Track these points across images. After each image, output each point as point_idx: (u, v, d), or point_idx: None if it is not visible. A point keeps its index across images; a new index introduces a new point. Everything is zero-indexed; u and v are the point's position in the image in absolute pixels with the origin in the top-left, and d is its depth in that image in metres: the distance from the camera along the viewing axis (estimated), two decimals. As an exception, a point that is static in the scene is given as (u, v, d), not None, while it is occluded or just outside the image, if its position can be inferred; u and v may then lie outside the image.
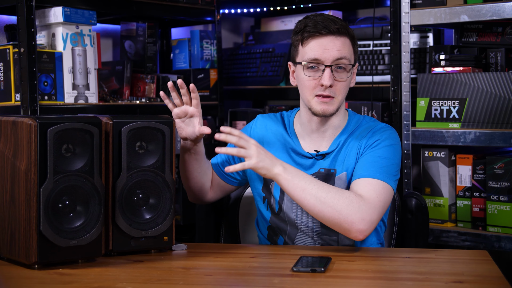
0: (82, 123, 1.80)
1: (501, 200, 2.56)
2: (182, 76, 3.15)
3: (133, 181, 1.90)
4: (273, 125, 2.19)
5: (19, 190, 1.78)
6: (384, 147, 2.04)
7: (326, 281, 1.68)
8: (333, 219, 1.90)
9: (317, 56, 2.01)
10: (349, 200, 1.90)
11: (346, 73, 2.03)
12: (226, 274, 1.79)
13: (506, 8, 2.51)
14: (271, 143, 2.16)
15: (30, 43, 2.44)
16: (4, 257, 1.86)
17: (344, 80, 2.03)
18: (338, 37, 2.02)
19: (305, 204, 1.92)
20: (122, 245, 1.91)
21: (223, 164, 2.23)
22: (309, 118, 2.10)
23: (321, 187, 1.92)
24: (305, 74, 2.03)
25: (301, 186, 1.91)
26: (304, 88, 2.06)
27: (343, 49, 2.02)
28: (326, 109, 2.03)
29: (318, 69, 2.02)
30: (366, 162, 2.01)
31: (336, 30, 2.01)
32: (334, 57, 2.00)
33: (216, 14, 3.18)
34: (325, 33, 2.01)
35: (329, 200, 1.90)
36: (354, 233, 1.89)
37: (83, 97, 2.64)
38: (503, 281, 1.65)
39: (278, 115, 2.23)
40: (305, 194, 1.91)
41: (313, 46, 2.02)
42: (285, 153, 2.13)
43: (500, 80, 2.54)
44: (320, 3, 3.19)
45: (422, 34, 2.92)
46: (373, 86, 2.93)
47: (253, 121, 2.25)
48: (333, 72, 2.01)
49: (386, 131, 2.08)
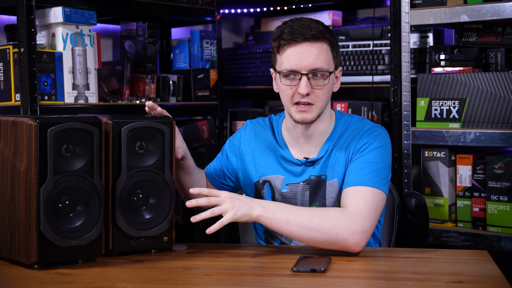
0: (82, 123, 1.80)
1: (501, 200, 2.56)
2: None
3: (133, 181, 1.90)
4: (262, 132, 2.18)
5: (19, 190, 1.78)
6: (372, 150, 2.01)
7: (326, 281, 1.68)
8: (325, 241, 1.89)
9: (293, 66, 1.98)
10: (335, 218, 1.88)
11: (323, 80, 2.00)
12: (226, 274, 1.79)
13: (506, 8, 2.51)
14: (261, 150, 2.16)
15: (30, 43, 2.44)
16: (4, 257, 1.86)
17: (321, 87, 2.00)
18: (314, 43, 1.97)
19: (293, 236, 1.91)
20: (122, 245, 1.91)
21: (216, 172, 2.24)
22: (294, 125, 2.09)
23: (304, 215, 1.90)
24: (282, 83, 2.01)
25: (284, 219, 1.89)
26: (283, 96, 2.04)
27: (319, 57, 1.97)
28: (305, 117, 2.01)
29: (295, 78, 1.99)
30: (355, 169, 1.99)
31: (311, 36, 1.96)
32: (310, 65, 1.97)
33: (216, 14, 3.18)
34: (301, 41, 1.97)
35: (314, 226, 1.88)
36: (350, 248, 1.88)
37: (83, 97, 2.64)
38: (503, 281, 1.66)
39: (267, 120, 2.21)
40: (290, 226, 1.89)
41: (289, 54, 1.98)
42: (275, 161, 2.12)
43: (500, 80, 2.54)
44: (320, 3, 3.19)
45: (422, 34, 2.92)
46: (373, 86, 2.93)
47: (242, 127, 2.24)
48: (310, 80, 1.98)
49: (374, 132, 2.05)
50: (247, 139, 2.19)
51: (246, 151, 2.18)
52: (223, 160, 2.24)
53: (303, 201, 2.08)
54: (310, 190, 2.07)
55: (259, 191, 2.14)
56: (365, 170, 1.98)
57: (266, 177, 2.13)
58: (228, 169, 2.22)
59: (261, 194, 2.13)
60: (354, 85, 3.01)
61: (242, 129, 2.24)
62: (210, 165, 2.27)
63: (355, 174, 1.98)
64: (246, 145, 2.19)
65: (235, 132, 2.28)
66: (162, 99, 3.04)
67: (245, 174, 2.18)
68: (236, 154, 2.21)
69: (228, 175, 2.23)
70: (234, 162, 2.21)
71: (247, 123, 2.25)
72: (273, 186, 2.11)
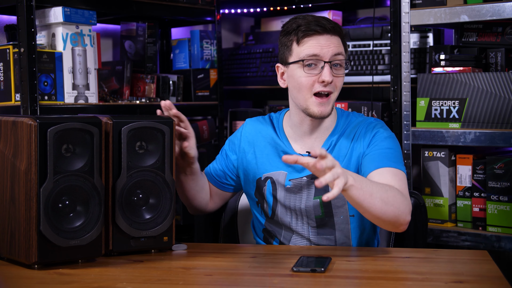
0: (82, 123, 1.80)
1: (501, 200, 2.56)
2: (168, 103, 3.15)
3: (133, 181, 1.90)
4: (263, 128, 2.19)
5: (19, 190, 1.78)
6: (385, 139, 2.05)
7: (326, 281, 1.68)
8: (393, 216, 1.87)
9: (316, 52, 2.00)
10: (399, 196, 1.89)
11: (342, 69, 2.05)
12: (226, 274, 1.79)
13: (506, 8, 2.51)
14: (262, 147, 2.16)
15: (30, 43, 2.44)
16: (4, 257, 1.86)
17: (341, 75, 2.04)
18: (333, 35, 2.03)
19: (371, 208, 1.84)
20: (122, 245, 1.91)
21: (217, 173, 2.24)
22: (301, 120, 2.09)
23: (381, 189, 1.87)
24: (304, 71, 2.02)
25: (369, 191, 1.82)
26: (301, 87, 2.04)
27: (339, 46, 2.03)
28: (323, 110, 2.02)
29: (316, 66, 2.01)
30: (377, 155, 2.01)
31: (331, 28, 2.02)
32: (333, 52, 2.01)
33: (216, 14, 3.18)
34: (321, 31, 2.01)
35: (391, 200, 1.86)
36: (404, 225, 1.91)
37: (83, 97, 2.64)
38: (503, 281, 1.66)
39: (266, 117, 2.22)
40: (373, 198, 1.83)
41: (311, 43, 2.01)
42: (277, 157, 2.12)
43: (500, 80, 2.54)
44: (320, 3, 3.19)
45: (422, 34, 2.92)
46: (373, 86, 2.93)
47: (242, 125, 2.25)
48: (331, 68, 2.01)
49: (378, 124, 2.09)
50: (248, 137, 2.20)
51: (247, 148, 2.18)
52: (222, 160, 2.24)
53: (308, 195, 2.08)
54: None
55: (261, 188, 2.14)
56: (387, 155, 2.01)
57: (268, 173, 2.13)
58: (228, 169, 2.22)
59: (262, 190, 2.13)
60: (354, 85, 3.01)
61: (242, 127, 2.24)
62: (209, 166, 2.27)
63: (382, 157, 2.00)
64: (246, 142, 2.19)
65: (235, 131, 2.28)
66: (162, 99, 3.04)
67: (246, 172, 2.18)
68: (236, 153, 2.21)
69: (229, 175, 2.23)
70: (234, 161, 2.21)
71: (246, 121, 2.25)
72: (275, 182, 2.11)
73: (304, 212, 2.08)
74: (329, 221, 2.08)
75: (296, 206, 2.08)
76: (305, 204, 2.08)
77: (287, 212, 2.10)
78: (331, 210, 2.07)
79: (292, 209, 2.09)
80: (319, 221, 2.09)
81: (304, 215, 2.09)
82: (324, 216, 2.08)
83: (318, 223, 2.09)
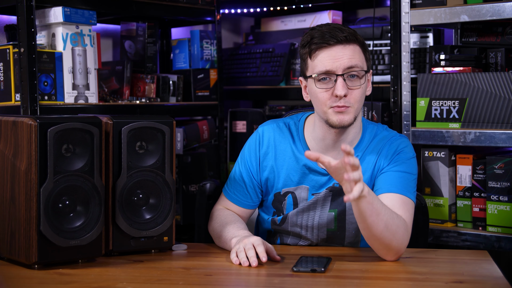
0: (82, 123, 1.80)
1: (501, 200, 2.56)
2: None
3: (133, 181, 1.90)
4: (282, 141, 2.09)
5: (19, 190, 1.78)
6: (407, 160, 2.00)
7: (326, 281, 1.68)
8: (388, 244, 1.85)
9: (327, 67, 1.92)
10: (403, 227, 1.86)
11: (359, 80, 1.95)
12: (226, 274, 1.79)
13: (506, 8, 2.51)
14: (281, 160, 2.08)
15: (30, 43, 2.44)
16: (4, 257, 1.86)
17: (358, 87, 1.94)
18: (347, 45, 1.94)
19: (372, 228, 1.82)
20: (122, 245, 1.91)
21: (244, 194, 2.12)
22: (325, 133, 2.02)
23: (389, 213, 1.84)
24: (317, 86, 1.94)
25: (377, 210, 1.81)
26: (318, 101, 1.96)
27: (353, 57, 1.94)
28: (342, 119, 1.94)
29: (330, 80, 1.94)
30: (394, 178, 1.96)
31: (344, 38, 1.93)
32: (345, 65, 1.92)
33: (216, 14, 3.17)
34: (333, 43, 1.93)
35: (394, 227, 1.83)
36: (394, 258, 1.87)
37: (83, 97, 2.64)
38: (503, 281, 1.66)
39: (282, 125, 2.11)
40: (378, 219, 1.81)
41: (323, 57, 1.94)
42: (299, 171, 2.05)
43: (500, 80, 2.54)
44: (320, 3, 3.19)
45: (422, 34, 2.92)
46: (373, 86, 2.93)
47: (258, 135, 2.12)
48: (345, 81, 1.92)
49: (403, 142, 2.03)
50: (265, 149, 2.10)
51: (266, 159, 2.10)
52: (248, 180, 2.11)
53: (323, 207, 2.05)
54: (332, 197, 2.03)
55: (280, 202, 2.08)
56: (406, 179, 1.96)
57: (288, 188, 2.07)
58: (255, 187, 2.11)
59: (282, 204, 2.08)
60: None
61: (260, 137, 2.12)
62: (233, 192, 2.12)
63: (398, 181, 1.95)
64: (264, 155, 2.10)
65: (249, 142, 2.15)
66: (162, 99, 3.04)
67: (266, 184, 2.11)
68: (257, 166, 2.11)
69: (258, 193, 2.13)
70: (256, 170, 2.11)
71: (263, 130, 2.12)
72: (297, 197, 2.06)
73: (317, 226, 2.06)
74: (340, 235, 2.06)
75: (309, 223, 2.06)
76: (319, 219, 2.05)
77: (299, 220, 2.07)
78: (344, 225, 2.05)
79: (306, 219, 2.07)
80: (330, 234, 2.06)
81: (316, 229, 2.06)
82: (336, 230, 2.06)
83: (328, 236, 2.06)
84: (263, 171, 2.10)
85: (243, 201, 2.12)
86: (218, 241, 2.04)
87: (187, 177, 3.07)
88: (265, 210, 2.15)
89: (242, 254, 1.82)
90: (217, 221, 2.07)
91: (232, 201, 2.12)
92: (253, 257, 1.80)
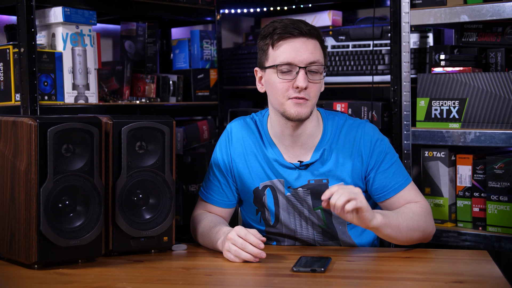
0: (82, 123, 1.80)
1: (501, 200, 2.56)
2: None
3: (133, 181, 1.90)
4: (250, 136, 2.11)
5: (19, 190, 1.78)
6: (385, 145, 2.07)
7: (326, 281, 1.68)
8: (419, 238, 1.99)
9: (289, 59, 1.95)
10: (423, 215, 1.99)
11: (319, 75, 1.99)
12: (226, 274, 1.79)
13: (506, 8, 2.51)
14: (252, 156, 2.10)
15: (30, 43, 2.44)
16: (4, 257, 1.86)
17: (318, 81, 1.98)
18: (310, 39, 1.97)
19: (399, 239, 1.96)
20: (122, 245, 1.91)
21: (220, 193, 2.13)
22: (282, 126, 2.04)
23: (405, 217, 1.96)
24: (278, 77, 1.97)
25: (396, 225, 1.93)
26: (276, 92, 1.99)
27: (315, 52, 1.97)
28: (300, 111, 1.96)
29: (291, 72, 1.96)
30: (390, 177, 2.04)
31: (307, 31, 1.96)
32: (308, 60, 1.96)
33: (216, 14, 3.17)
34: (297, 35, 1.96)
35: (416, 225, 1.96)
36: (429, 239, 2.02)
37: (83, 97, 2.64)
38: (503, 281, 1.66)
39: (249, 121, 2.14)
40: (400, 231, 1.94)
41: (285, 48, 1.96)
42: (270, 165, 2.07)
43: (500, 80, 2.54)
44: (320, 3, 3.19)
45: (422, 34, 2.92)
46: (373, 86, 2.92)
47: (227, 132, 2.15)
48: (307, 74, 1.96)
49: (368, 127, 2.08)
50: (235, 146, 2.12)
51: (237, 158, 2.12)
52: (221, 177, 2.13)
53: (308, 206, 2.06)
54: (312, 195, 2.05)
55: (260, 197, 2.09)
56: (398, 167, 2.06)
57: (266, 182, 2.09)
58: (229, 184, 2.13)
59: (262, 200, 2.08)
60: (354, 85, 3.01)
61: (228, 136, 2.14)
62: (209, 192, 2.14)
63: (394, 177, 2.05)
64: (235, 152, 2.12)
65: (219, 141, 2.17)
66: (162, 99, 3.04)
67: (241, 180, 2.12)
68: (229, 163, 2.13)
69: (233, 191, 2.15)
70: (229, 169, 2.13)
71: (231, 129, 2.15)
72: (276, 190, 2.08)
73: (309, 217, 2.07)
74: (332, 231, 2.08)
75: (301, 211, 2.07)
76: (308, 212, 2.07)
77: (291, 218, 2.08)
78: (332, 221, 2.07)
79: (297, 214, 2.07)
80: (322, 229, 2.08)
81: (309, 220, 2.08)
82: (326, 227, 2.08)
83: (322, 230, 2.08)
84: (235, 167, 2.12)
85: (220, 200, 2.13)
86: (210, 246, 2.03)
87: (187, 177, 3.07)
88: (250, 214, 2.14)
89: (242, 254, 1.82)
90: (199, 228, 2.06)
91: (210, 202, 2.13)
92: (255, 250, 1.82)
